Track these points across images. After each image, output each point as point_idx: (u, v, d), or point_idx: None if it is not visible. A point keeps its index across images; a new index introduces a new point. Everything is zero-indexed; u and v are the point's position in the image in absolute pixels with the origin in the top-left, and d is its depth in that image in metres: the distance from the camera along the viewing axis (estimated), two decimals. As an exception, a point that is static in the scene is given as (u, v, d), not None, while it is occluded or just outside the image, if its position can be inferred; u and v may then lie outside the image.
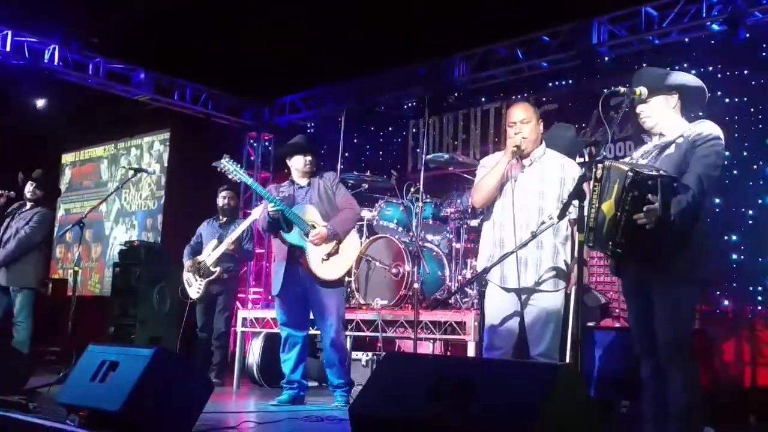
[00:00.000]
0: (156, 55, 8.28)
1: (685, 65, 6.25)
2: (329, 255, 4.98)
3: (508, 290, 3.86)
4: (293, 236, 4.98)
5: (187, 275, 6.63)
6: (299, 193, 5.15)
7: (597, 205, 3.09)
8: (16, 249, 6.18)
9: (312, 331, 5.39)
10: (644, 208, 2.92)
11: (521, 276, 3.79)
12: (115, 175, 11.13)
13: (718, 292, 5.98)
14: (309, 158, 5.15)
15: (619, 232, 2.99)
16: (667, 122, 3.29)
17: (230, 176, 5.18)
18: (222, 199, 6.81)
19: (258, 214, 6.50)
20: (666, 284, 3.12)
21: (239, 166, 5.19)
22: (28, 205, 6.47)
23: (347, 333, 5.46)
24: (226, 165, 5.11)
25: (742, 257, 6.14)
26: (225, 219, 6.80)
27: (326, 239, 4.95)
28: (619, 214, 2.99)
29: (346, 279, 5.18)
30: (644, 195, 2.93)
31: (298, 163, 5.17)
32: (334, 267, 5.00)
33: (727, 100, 6.30)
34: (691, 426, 3.10)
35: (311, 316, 5.21)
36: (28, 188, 6.47)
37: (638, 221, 2.93)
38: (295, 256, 5.00)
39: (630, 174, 2.95)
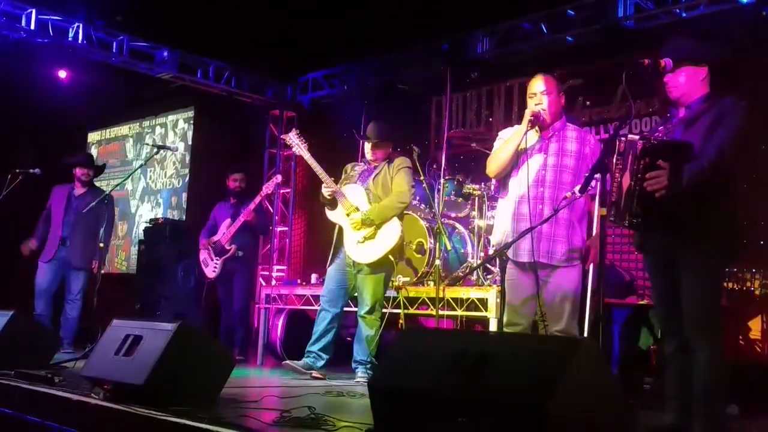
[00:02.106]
0: (179, 32, 8.26)
1: (714, 39, 6.10)
2: (365, 239, 5.11)
3: (523, 265, 3.83)
4: (336, 215, 5.26)
5: (203, 256, 6.74)
6: (364, 173, 5.37)
7: (619, 179, 3.06)
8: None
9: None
10: (651, 173, 2.91)
11: (534, 250, 3.75)
12: (140, 153, 11.18)
13: (745, 270, 5.88)
14: (368, 146, 5.34)
15: (634, 202, 2.99)
16: (694, 94, 3.22)
17: (293, 150, 5.49)
18: (233, 181, 6.96)
19: (270, 189, 6.67)
20: (693, 260, 3.07)
21: (304, 141, 5.46)
22: (83, 186, 6.66)
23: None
24: (293, 138, 5.47)
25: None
26: (236, 200, 6.90)
27: (361, 223, 5.08)
28: (633, 183, 2.98)
29: (391, 261, 5.21)
30: (655, 161, 2.91)
31: (366, 148, 5.40)
32: (367, 251, 5.12)
33: (756, 75, 6.14)
34: (715, 404, 3.07)
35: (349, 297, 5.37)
36: (81, 171, 6.66)
37: (648, 188, 2.92)
38: (341, 233, 5.26)
39: (639, 142, 2.95)
